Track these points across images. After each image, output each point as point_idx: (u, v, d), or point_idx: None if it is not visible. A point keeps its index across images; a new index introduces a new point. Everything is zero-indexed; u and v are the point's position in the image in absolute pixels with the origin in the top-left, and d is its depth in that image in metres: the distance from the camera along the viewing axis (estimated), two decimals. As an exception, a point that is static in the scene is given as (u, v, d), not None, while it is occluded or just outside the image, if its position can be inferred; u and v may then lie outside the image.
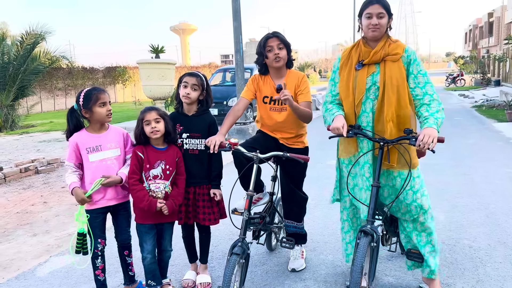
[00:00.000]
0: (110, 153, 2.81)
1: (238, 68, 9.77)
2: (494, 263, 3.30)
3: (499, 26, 37.34)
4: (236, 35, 9.73)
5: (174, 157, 2.88)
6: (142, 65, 13.07)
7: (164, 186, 2.83)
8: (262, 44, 3.10)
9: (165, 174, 2.84)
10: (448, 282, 3.04)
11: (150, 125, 2.78)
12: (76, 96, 2.77)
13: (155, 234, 2.91)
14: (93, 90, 2.73)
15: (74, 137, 2.74)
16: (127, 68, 28.00)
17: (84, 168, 2.75)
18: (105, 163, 2.77)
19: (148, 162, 2.83)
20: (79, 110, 2.73)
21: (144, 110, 2.84)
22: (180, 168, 2.91)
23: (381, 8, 2.62)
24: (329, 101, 2.91)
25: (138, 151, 2.84)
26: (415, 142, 2.46)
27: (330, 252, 3.62)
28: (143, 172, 2.83)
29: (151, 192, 2.81)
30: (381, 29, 2.65)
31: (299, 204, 3.29)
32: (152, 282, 2.90)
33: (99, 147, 2.77)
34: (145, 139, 2.84)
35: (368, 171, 2.75)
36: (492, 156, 7.16)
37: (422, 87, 2.67)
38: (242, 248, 2.54)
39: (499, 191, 5.11)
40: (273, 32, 3.12)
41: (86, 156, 2.73)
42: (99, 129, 2.81)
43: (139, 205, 2.79)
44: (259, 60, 3.17)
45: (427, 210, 2.74)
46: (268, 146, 3.07)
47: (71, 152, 2.72)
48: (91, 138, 2.76)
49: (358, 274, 2.28)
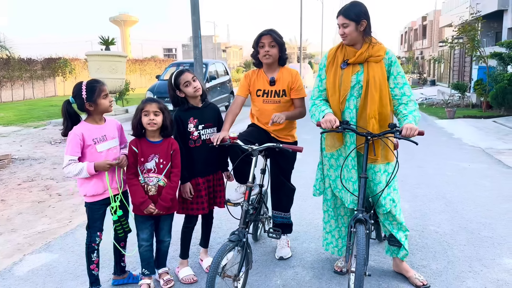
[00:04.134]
0: (113, 143, 2.83)
1: (197, 63, 9.72)
2: (459, 246, 3.64)
3: (431, 29, 39.86)
4: (194, 30, 9.66)
5: (169, 150, 2.90)
6: (91, 57, 12.64)
7: (157, 180, 2.85)
8: (256, 40, 3.24)
9: (158, 168, 2.86)
10: (423, 264, 3.32)
11: (148, 116, 2.80)
12: (74, 90, 2.71)
13: (152, 224, 2.95)
14: (94, 83, 2.71)
15: (78, 129, 2.68)
16: (68, 60, 26.66)
17: (88, 159, 2.70)
18: (111, 152, 2.79)
19: (142, 156, 2.85)
20: (81, 103, 2.69)
21: (146, 100, 2.86)
22: (174, 161, 2.93)
23: (344, 19, 2.85)
24: (316, 96, 3.08)
25: (133, 145, 2.86)
26: (399, 135, 2.70)
27: (312, 240, 3.80)
28: (138, 166, 2.84)
29: (145, 185, 2.84)
30: (349, 37, 2.87)
31: (287, 195, 3.44)
32: (146, 271, 2.96)
33: (104, 137, 2.77)
34: (141, 129, 2.86)
35: (351, 164, 2.95)
36: (440, 150, 7.74)
37: (401, 88, 2.91)
38: (238, 236, 2.65)
39: (451, 182, 5.57)
40: (268, 29, 3.23)
41: (94, 146, 2.71)
42: (100, 120, 2.80)
43: (132, 199, 2.85)
44: (254, 54, 3.31)
45: (397, 203, 2.99)
46: (261, 139, 3.18)
47: (75, 145, 2.65)
48: (95, 129, 2.75)
49: (362, 262, 2.42)
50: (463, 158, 6.94)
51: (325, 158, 3.13)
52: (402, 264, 3.12)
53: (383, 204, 2.92)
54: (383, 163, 2.96)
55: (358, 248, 2.45)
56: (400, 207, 3.02)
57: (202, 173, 3.08)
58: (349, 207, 3.01)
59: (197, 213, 3.09)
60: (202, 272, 3.24)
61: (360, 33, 2.88)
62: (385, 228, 3.08)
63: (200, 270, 3.27)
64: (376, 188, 2.93)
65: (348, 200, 2.99)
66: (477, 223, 4.13)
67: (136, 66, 34.73)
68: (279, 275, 3.18)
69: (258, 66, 3.37)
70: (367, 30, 2.91)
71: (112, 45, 12.75)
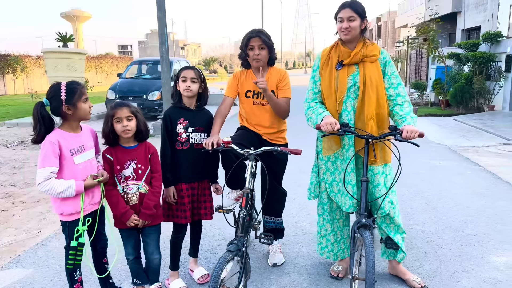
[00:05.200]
0: (91, 154, 2.55)
1: (163, 61, 9.40)
2: (447, 245, 3.67)
3: (386, 29, 41.09)
4: (160, 27, 9.34)
5: (146, 154, 2.69)
6: (48, 54, 11.96)
7: (138, 187, 2.64)
8: (244, 41, 3.11)
9: (137, 174, 2.64)
10: (417, 265, 3.31)
11: (121, 123, 2.57)
12: (51, 91, 2.38)
13: (137, 237, 2.75)
14: (75, 84, 2.42)
15: (54, 137, 2.35)
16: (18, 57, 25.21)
17: (65, 174, 2.39)
18: (89, 164, 2.50)
19: (118, 163, 2.62)
20: (58, 106, 2.37)
21: (115, 105, 2.61)
22: (154, 165, 2.71)
23: (352, 12, 2.76)
24: (311, 98, 2.98)
25: (107, 153, 2.63)
26: (400, 137, 2.64)
27: (303, 244, 3.71)
28: (114, 175, 2.62)
29: (125, 195, 2.62)
30: (352, 32, 2.78)
31: (279, 199, 3.33)
32: (137, 281, 2.79)
33: (82, 147, 2.47)
34: (114, 137, 2.62)
35: (349, 167, 2.87)
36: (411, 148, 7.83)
37: (395, 88, 2.87)
38: (237, 246, 2.51)
39: (426, 180, 5.67)
40: (257, 31, 3.10)
41: (71, 158, 2.40)
42: (77, 127, 2.51)
43: (113, 212, 2.62)
44: (242, 55, 3.17)
45: (395, 205, 2.95)
46: (253, 142, 3.05)
47: (53, 155, 2.32)
48: (72, 138, 2.44)
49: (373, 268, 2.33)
50: (433, 156, 7.10)
51: (321, 161, 3.04)
52: (399, 266, 3.09)
53: (382, 207, 2.87)
54: (381, 165, 2.91)
55: (368, 255, 2.37)
56: (398, 209, 2.98)
57: (186, 179, 2.91)
58: (348, 211, 2.94)
59: (180, 221, 2.91)
60: (194, 283, 3.07)
61: (360, 31, 2.81)
62: (381, 230, 3.03)
63: (192, 281, 3.10)
64: (374, 190, 2.87)
65: (346, 204, 2.91)
66: (459, 221, 4.20)
67: (91, 63, 33.40)
68: (276, 283, 3.07)
69: (246, 67, 3.24)
70: (365, 30, 2.85)
71: (71, 42, 12.13)
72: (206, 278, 3.08)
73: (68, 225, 2.46)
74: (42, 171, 2.31)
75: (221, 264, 2.35)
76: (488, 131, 9.25)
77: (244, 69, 3.24)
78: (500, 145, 7.87)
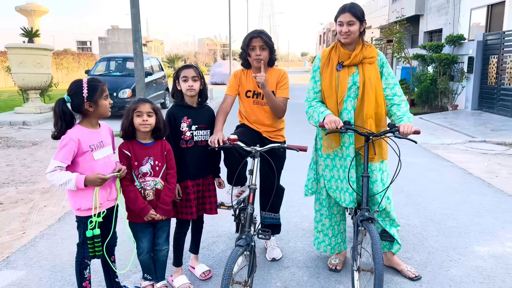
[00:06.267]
0: (109, 150, 2.56)
1: (137, 58, 9.23)
2: (433, 237, 3.87)
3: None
4: (134, 23, 9.17)
5: (163, 151, 2.74)
6: (12, 49, 11.51)
7: (155, 183, 2.69)
8: (246, 42, 3.15)
9: (154, 171, 2.69)
10: (408, 256, 3.47)
11: (141, 117, 2.61)
12: (72, 87, 2.41)
13: (152, 231, 2.78)
14: (96, 82, 2.44)
15: (74, 134, 2.37)
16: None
17: (84, 169, 2.40)
18: (108, 160, 2.51)
19: (135, 160, 2.65)
20: (79, 103, 2.39)
21: (138, 100, 2.66)
22: (170, 161, 2.78)
23: (351, 16, 2.87)
24: (312, 97, 3.07)
25: (124, 149, 2.65)
26: (399, 134, 2.78)
27: (297, 239, 3.80)
28: (132, 170, 2.64)
29: (142, 190, 2.66)
30: (352, 36, 2.90)
31: (278, 196, 3.39)
32: (148, 276, 2.84)
33: (101, 143, 2.49)
34: (133, 131, 2.65)
35: (349, 163, 2.98)
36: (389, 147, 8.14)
37: (392, 88, 3.01)
38: (246, 241, 2.56)
39: (404, 176, 5.89)
40: (258, 32, 3.15)
41: (90, 154, 2.41)
42: (96, 124, 2.52)
43: (131, 207, 2.65)
44: (243, 55, 3.21)
45: (391, 200, 3.09)
46: (253, 140, 3.10)
47: (68, 152, 2.34)
48: (92, 134, 2.46)
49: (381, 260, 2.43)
50: (406, 153, 7.36)
51: (321, 158, 3.13)
52: (394, 258, 3.23)
53: (379, 202, 2.99)
54: (378, 162, 3.03)
55: (375, 247, 2.46)
56: (393, 203, 3.12)
57: (191, 176, 2.94)
58: (348, 206, 3.03)
59: (185, 217, 2.94)
60: (195, 280, 3.09)
61: (359, 34, 2.92)
62: (377, 224, 3.16)
63: (193, 278, 3.11)
64: (372, 186, 2.99)
65: (347, 200, 3.01)
66: (441, 215, 4.42)
67: (52, 60, 32.20)
68: (277, 277, 3.14)
69: (246, 67, 3.28)
70: (364, 32, 2.96)
71: (37, 37, 11.70)
72: (208, 274, 3.10)
73: (84, 220, 2.45)
74: (52, 162, 2.35)
75: (234, 259, 2.39)
76: (454, 129, 9.71)
77: (245, 68, 3.28)
78: (467, 143, 8.29)
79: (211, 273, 3.14)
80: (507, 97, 10.98)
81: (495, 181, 5.65)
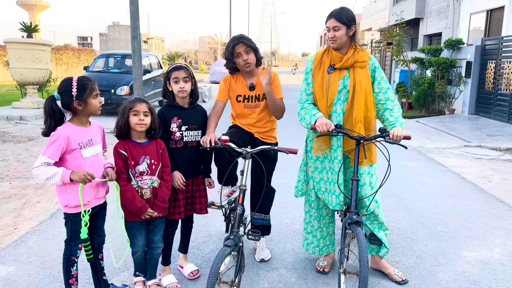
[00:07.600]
0: (99, 148, 2.57)
1: (135, 55, 9.25)
2: (422, 241, 3.89)
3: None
4: (133, 21, 9.18)
5: (158, 150, 2.78)
6: (11, 44, 11.51)
7: (152, 181, 2.72)
8: (230, 50, 3.15)
9: (151, 169, 2.72)
10: (396, 260, 3.50)
11: (138, 116, 2.63)
12: (62, 85, 2.43)
13: (147, 229, 2.81)
14: (86, 80, 2.45)
15: (63, 131, 2.39)
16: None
17: (71, 166, 2.41)
18: (96, 158, 2.53)
19: (132, 159, 2.68)
20: (68, 101, 2.40)
21: (134, 100, 2.68)
22: (165, 160, 2.81)
23: (336, 22, 2.90)
24: (304, 99, 3.10)
25: (120, 149, 2.66)
26: (389, 139, 2.80)
27: (288, 240, 3.82)
28: (129, 170, 2.67)
29: (140, 189, 2.69)
30: (338, 41, 2.93)
31: (268, 197, 3.40)
32: (140, 274, 2.87)
33: (91, 141, 2.50)
34: (128, 129, 2.67)
35: (337, 166, 3.00)
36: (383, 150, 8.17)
37: (385, 92, 3.03)
38: (234, 241, 2.58)
39: (397, 179, 5.91)
40: (238, 37, 3.16)
41: (79, 152, 2.43)
42: (86, 122, 2.54)
43: (129, 207, 2.66)
44: (229, 65, 3.22)
45: (379, 204, 3.11)
46: (245, 141, 3.12)
47: (57, 149, 2.35)
48: (81, 132, 2.48)
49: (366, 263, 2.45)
50: (400, 156, 7.40)
51: (311, 160, 3.16)
52: (381, 261, 3.25)
53: (367, 205, 3.01)
54: (367, 165, 3.05)
55: (361, 250, 2.49)
56: (381, 207, 3.14)
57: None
58: (334, 209, 3.06)
59: (173, 217, 2.95)
60: (183, 279, 3.11)
61: (348, 38, 2.94)
62: (366, 227, 3.18)
63: (181, 277, 3.13)
64: (361, 189, 3.01)
65: (333, 202, 3.04)
66: (431, 219, 4.44)
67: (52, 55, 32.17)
68: (265, 278, 3.15)
69: (233, 73, 3.29)
70: (354, 35, 2.98)
71: (36, 32, 11.69)
72: (196, 274, 3.12)
73: (71, 217, 2.47)
74: (40, 158, 2.36)
75: (220, 258, 2.42)
76: (450, 133, 9.73)
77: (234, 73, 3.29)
78: (462, 147, 8.32)
79: (199, 272, 3.15)
80: (504, 102, 11.01)
81: (488, 186, 5.67)
